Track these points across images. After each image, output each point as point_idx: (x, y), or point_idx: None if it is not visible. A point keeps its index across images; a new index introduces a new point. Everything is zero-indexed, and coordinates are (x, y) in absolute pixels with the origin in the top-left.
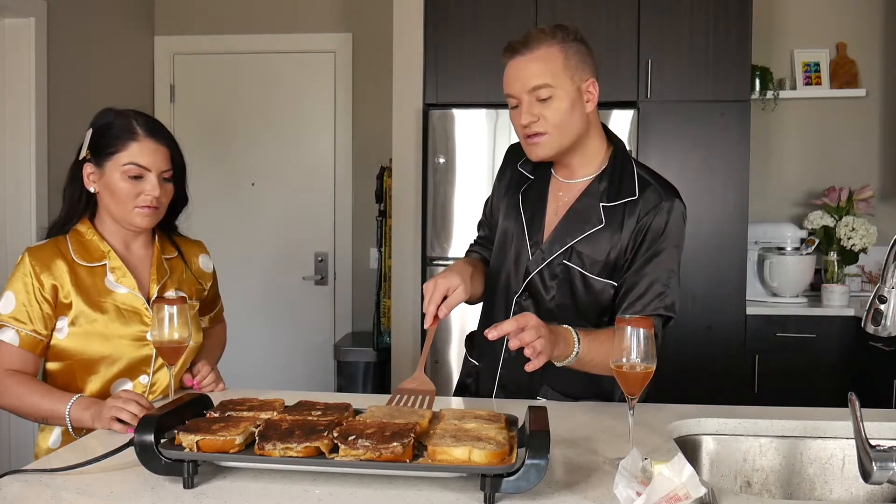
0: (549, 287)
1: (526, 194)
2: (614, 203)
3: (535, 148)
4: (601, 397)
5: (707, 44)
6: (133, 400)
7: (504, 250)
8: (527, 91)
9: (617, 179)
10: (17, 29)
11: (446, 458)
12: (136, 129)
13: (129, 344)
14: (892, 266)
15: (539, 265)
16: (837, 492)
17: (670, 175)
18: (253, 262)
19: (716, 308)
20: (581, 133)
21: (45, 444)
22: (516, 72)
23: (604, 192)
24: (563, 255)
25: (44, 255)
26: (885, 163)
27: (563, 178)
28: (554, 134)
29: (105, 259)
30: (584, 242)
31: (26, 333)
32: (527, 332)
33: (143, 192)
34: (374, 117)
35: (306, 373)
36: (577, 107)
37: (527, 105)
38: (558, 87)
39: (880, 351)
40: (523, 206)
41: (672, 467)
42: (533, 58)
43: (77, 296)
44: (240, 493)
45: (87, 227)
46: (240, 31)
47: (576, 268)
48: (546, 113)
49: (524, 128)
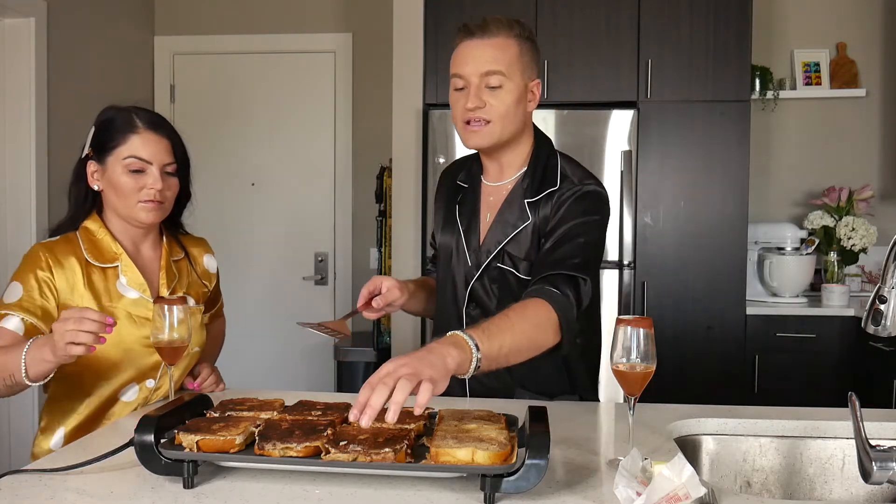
0: (491, 293)
1: (462, 203)
2: (537, 197)
3: (473, 135)
4: (577, 392)
5: (707, 44)
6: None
7: (448, 264)
8: (478, 74)
9: (540, 174)
10: (17, 29)
11: (450, 460)
12: (137, 122)
13: (140, 350)
14: (892, 266)
15: (477, 272)
16: (837, 492)
17: (670, 175)
18: (253, 262)
19: (716, 308)
20: (518, 131)
21: (45, 444)
22: (470, 52)
23: (527, 188)
24: (496, 258)
25: (59, 253)
26: (885, 163)
27: (491, 182)
28: (497, 124)
29: (117, 261)
30: (513, 243)
31: (32, 323)
32: (376, 393)
33: (146, 185)
34: (374, 117)
35: (306, 373)
36: (521, 103)
37: (475, 89)
38: (509, 78)
39: (880, 351)
40: (460, 217)
41: (672, 467)
42: (490, 44)
43: (91, 299)
44: (240, 493)
45: (98, 224)
46: (240, 31)
47: (508, 269)
48: (493, 101)
49: (469, 111)
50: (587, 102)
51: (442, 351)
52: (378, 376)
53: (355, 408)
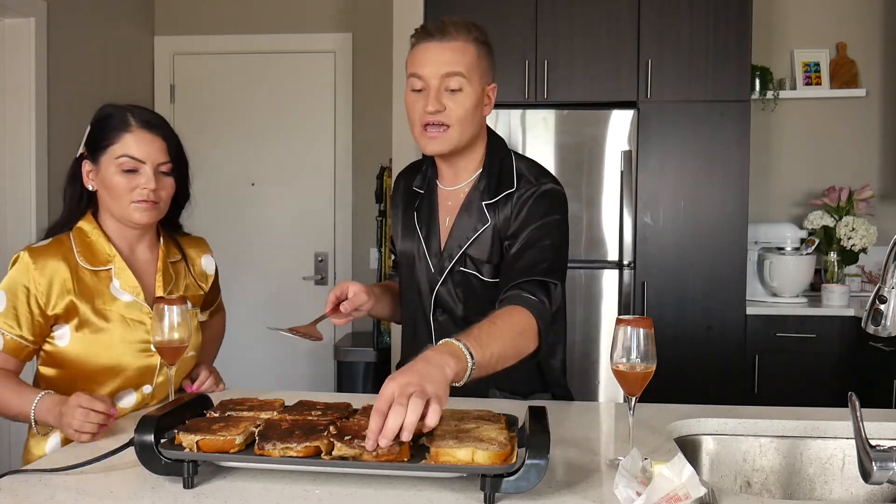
0: (456, 298)
1: (419, 209)
2: (495, 199)
3: (432, 142)
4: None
5: (707, 44)
6: (90, 409)
7: (411, 272)
8: (439, 76)
9: (496, 176)
10: (17, 29)
11: (450, 460)
12: (131, 120)
13: (134, 354)
14: (892, 266)
15: (441, 277)
16: (837, 492)
17: (670, 175)
18: (253, 262)
19: (716, 308)
20: (475, 135)
21: (38, 451)
22: (430, 54)
23: (484, 190)
24: (458, 262)
25: (46, 257)
26: (885, 163)
27: (447, 186)
28: (455, 129)
29: (110, 263)
30: (474, 246)
31: (11, 338)
32: (393, 415)
33: (139, 185)
34: (374, 117)
35: (306, 373)
36: (478, 107)
37: (435, 91)
38: (469, 81)
39: (880, 351)
40: (419, 223)
41: (672, 467)
42: (450, 47)
43: (82, 302)
44: (240, 493)
45: (92, 225)
46: (240, 31)
47: (471, 272)
48: (452, 105)
49: (429, 114)
50: (587, 102)
51: (441, 361)
52: (385, 400)
53: (370, 437)
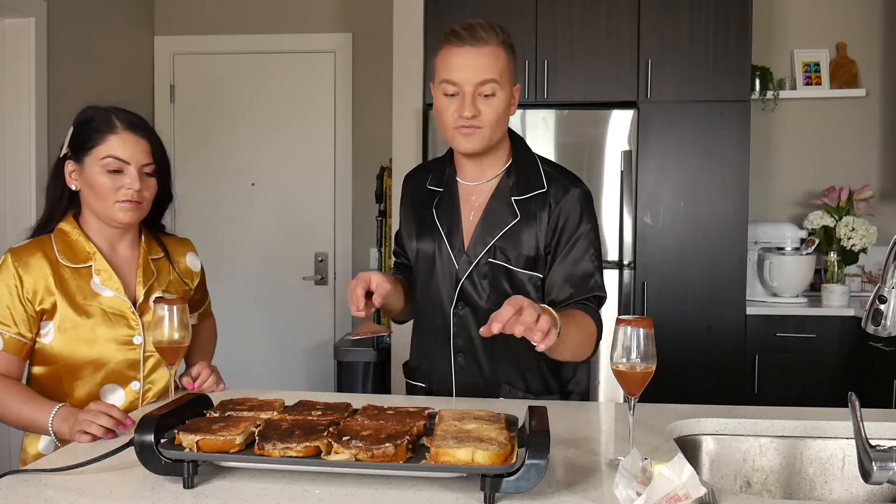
0: (480, 291)
1: (439, 207)
2: (525, 196)
3: (467, 140)
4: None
5: (707, 44)
6: (103, 412)
7: (429, 269)
8: (473, 84)
9: (523, 174)
10: (17, 29)
11: (449, 460)
12: (115, 122)
13: (115, 348)
14: (892, 266)
15: (467, 270)
16: (837, 492)
17: (670, 175)
18: (253, 262)
19: (716, 308)
20: (503, 135)
21: (33, 449)
22: (466, 61)
23: (513, 186)
24: (487, 254)
25: (27, 256)
26: (885, 163)
27: (470, 182)
28: (487, 130)
29: (91, 260)
30: (504, 239)
31: (10, 336)
32: (526, 313)
33: (124, 186)
34: (374, 117)
35: (306, 373)
36: (508, 109)
37: (470, 98)
38: (501, 86)
39: (880, 351)
40: (439, 220)
41: (672, 467)
42: (483, 52)
43: (62, 299)
44: (240, 493)
45: (72, 226)
46: (240, 31)
47: (501, 264)
48: (486, 109)
49: (464, 119)
50: (587, 102)
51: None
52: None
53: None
